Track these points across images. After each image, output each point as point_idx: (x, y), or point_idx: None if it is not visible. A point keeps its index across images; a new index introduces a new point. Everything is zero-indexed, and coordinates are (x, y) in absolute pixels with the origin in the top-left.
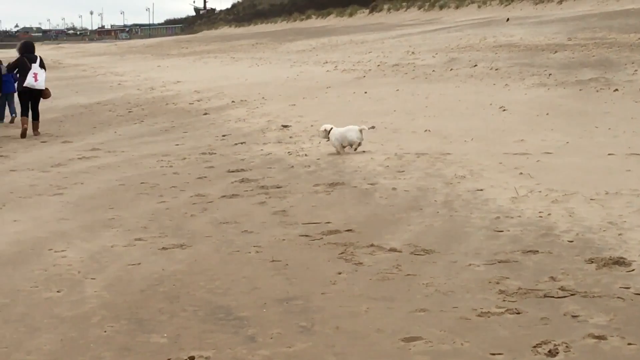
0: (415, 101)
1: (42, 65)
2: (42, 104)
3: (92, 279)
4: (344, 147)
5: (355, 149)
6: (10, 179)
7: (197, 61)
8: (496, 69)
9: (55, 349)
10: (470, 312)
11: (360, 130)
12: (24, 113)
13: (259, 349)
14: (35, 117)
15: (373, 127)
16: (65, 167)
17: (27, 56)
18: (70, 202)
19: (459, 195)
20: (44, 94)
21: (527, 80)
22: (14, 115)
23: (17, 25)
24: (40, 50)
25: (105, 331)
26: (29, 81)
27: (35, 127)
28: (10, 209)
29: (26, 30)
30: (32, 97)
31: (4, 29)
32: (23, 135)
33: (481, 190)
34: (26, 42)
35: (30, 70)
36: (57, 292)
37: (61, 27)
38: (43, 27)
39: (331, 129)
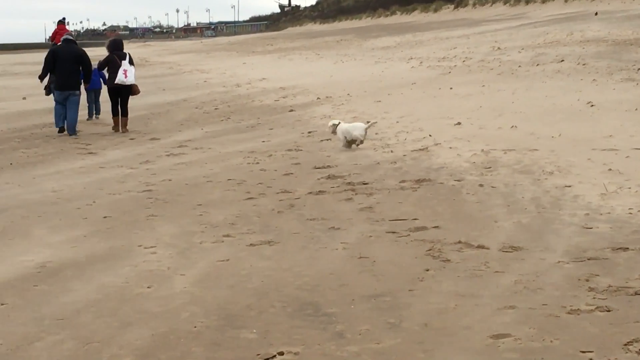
0: (501, 97)
1: (131, 62)
2: (130, 101)
3: (181, 275)
4: (348, 141)
5: (357, 145)
6: (100, 175)
7: (282, 58)
8: (583, 64)
9: (146, 344)
10: (560, 309)
11: (366, 129)
12: (115, 112)
13: (347, 345)
14: (124, 113)
15: (375, 123)
16: (153, 164)
17: (117, 53)
18: (158, 199)
19: (547, 191)
20: (133, 90)
21: (615, 76)
22: (97, 115)
23: (104, 24)
24: (127, 48)
25: (195, 326)
26: (120, 78)
27: (124, 124)
28: (99, 206)
29: (113, 29)
30: (122, 94)
31: (92, 27)
32: (115, 131)
33: (569, 186)
34: (115, 40)
35: (120, 68)
36: (148, 287)
37: (148, 25)
38: (130, 25)
39: (339, 123)
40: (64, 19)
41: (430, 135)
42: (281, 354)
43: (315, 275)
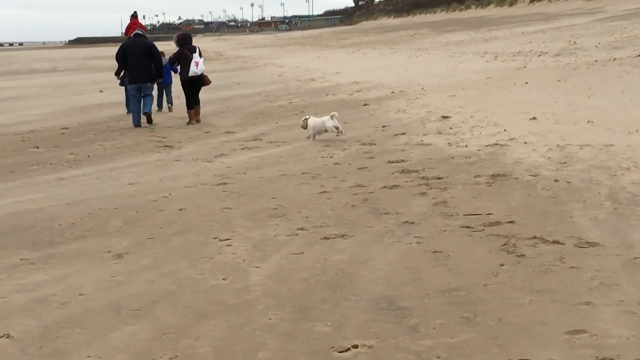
0: (577, 92)
1: (200, 55)
2: (205, 95)
3: (256, 267)
4: (319, 133)
5: (338, 135)
6: (175, 168)
7: (356, 52)
8: None
9: (222, 335)
10: (637, 305)
11: (332, 117)
12: (190, 106)
13: (421, 339)
14: (197, 102)
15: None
16: (228, 158)
17: (187, 47)
18: (233, 192)
19: (624, 187)
20: (205, 81)
21: None
22: (170, 105)
23: (180, 18)
24: (202, 42)
25: (270, 319)
26: (192, 69)
27: (197, 112)
28: (175, 198)
29: (188, 23)
30: (195, 85)
31: (168, 21)
32: (190, 124)
33: None
34: (184, 35)
35: (192, 60)
36: (223, 279)
37: (222, 19)
38: (205, 19)
39: (309, 118)
40: (135, 12)
41: (505, 130)
42: (355, 347)
43: (389, 268)
